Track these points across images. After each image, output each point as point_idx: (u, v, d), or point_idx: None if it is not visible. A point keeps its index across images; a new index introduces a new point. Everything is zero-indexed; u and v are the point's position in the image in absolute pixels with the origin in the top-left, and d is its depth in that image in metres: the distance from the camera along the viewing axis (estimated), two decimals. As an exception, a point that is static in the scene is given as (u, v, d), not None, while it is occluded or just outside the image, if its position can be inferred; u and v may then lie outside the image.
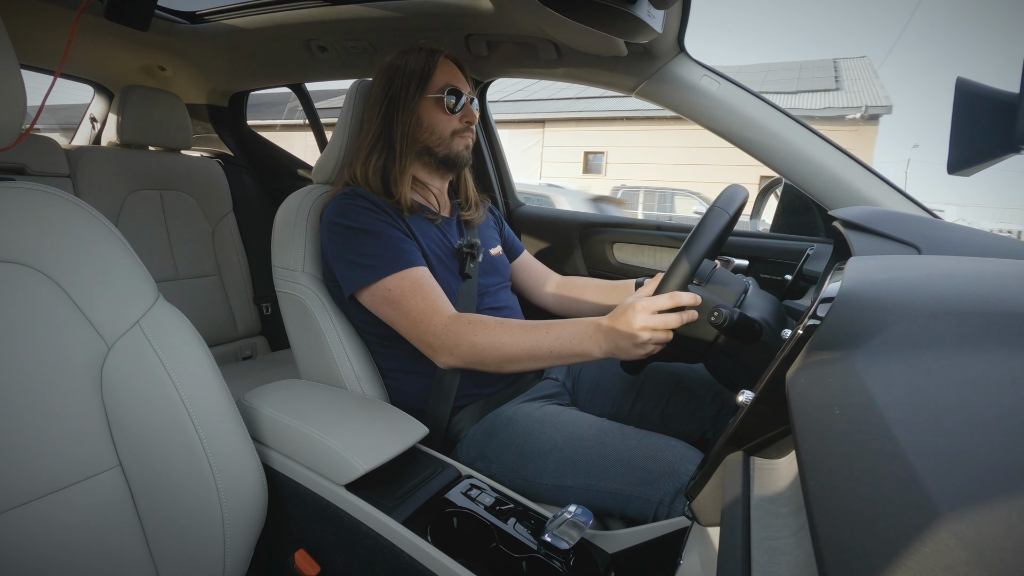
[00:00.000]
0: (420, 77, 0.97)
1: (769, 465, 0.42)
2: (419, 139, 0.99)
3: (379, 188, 0.96)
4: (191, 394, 0.66)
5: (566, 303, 1.19)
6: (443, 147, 1.00)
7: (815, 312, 0.39)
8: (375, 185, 0.96)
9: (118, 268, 0.64)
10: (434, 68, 0.97)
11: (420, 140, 0.99)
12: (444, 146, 1.00)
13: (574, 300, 1.18)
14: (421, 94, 0.97)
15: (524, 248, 1.26)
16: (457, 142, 1.00)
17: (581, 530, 0.64)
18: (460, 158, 1.02)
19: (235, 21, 1.51)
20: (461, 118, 0.99)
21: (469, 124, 1.00)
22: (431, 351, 0.87)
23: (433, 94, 0.97)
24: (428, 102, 0.97)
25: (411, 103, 0.97)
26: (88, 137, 1.94)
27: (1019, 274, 0.38)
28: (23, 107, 0.58)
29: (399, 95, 0.97)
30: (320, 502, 0.76)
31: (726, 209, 0.79)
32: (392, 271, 0.87)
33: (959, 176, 0.44)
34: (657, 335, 0.72)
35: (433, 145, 0.99)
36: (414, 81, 0.97)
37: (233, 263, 1.83)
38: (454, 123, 0.99)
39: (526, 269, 1.23)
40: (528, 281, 1.23)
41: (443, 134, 0.99)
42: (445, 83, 0.97)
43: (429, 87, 0.97)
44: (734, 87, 1.11)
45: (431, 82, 0.97)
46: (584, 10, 0.81)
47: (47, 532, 0.58)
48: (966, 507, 0.19)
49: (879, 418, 0.25)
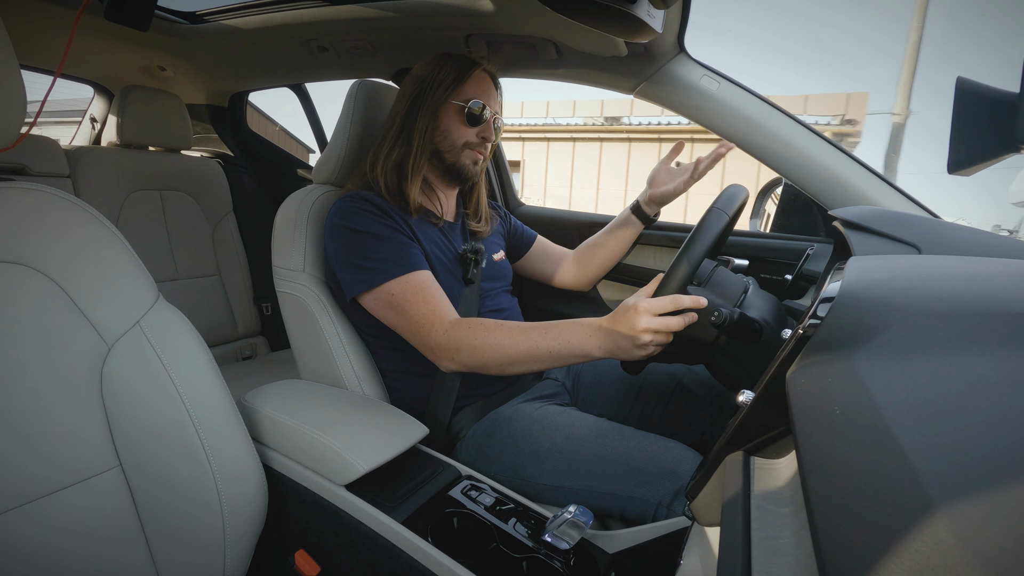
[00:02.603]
0: (452, 82, 0.96)
1: (769, 465, 0.42)
2: (433, 141, 0.98)
3: (394, 184, 0.96)
4: (191, 394, 0.66)
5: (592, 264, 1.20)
6: (452, 155, 0.99)
7: (815, 312, 0.39)
8: (391, 181, 0.96)
9: (118, 268, 0.64)
10: (467, 77, 0.97)
11: (434, 142, 0.98)
12: (453, 154, 0.99)
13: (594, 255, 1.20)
14: (448, 98, 0.96)
15: (537, 235, 1.26)
16: (466, 155, 0.99)
17: (581, 530, 0.64)
18: (465, 171, 1.00)
19: (235, 21, 1.51)
20: (478, 132, 0.98)
21: (484, 140, 0.99)
22: (433, 356, 0.86)
23: (458, 101, 0.97)
24: (451, 107, 0.97)
25: (436, 104, 0.96)
26: (88, 137, 1.94)
27: (1019, 274, 0.38)
28: (23, 107, 0.58)
29: (427, 93, 0.97)
30: (320, 502, 0.75)
31: (725, 210, 0.79)
32: (395, 275, 0.87)
33: (959, 176, 0.44)
34: (658, 337, 0.72)
35: (444, 150, 0.99)
36: (444, 84, 0.96)
37: (233, 263, 1.83)
38: (469, 135, 0.98)
39: (545, 252, 1.24)
40: (548, 266, 1.23)
41: (455, 142, 0.98)
42: (473, 95, 0.97)
43: (457, 93, 0.97)
44: (734, 87, 1.11)
45: (461, 89, 0.97)
46: (584, 10, 0.81)
47: (47, 533, 0.58)
48: (966, 507, 0.19)
49: (879, 418, 0.25)
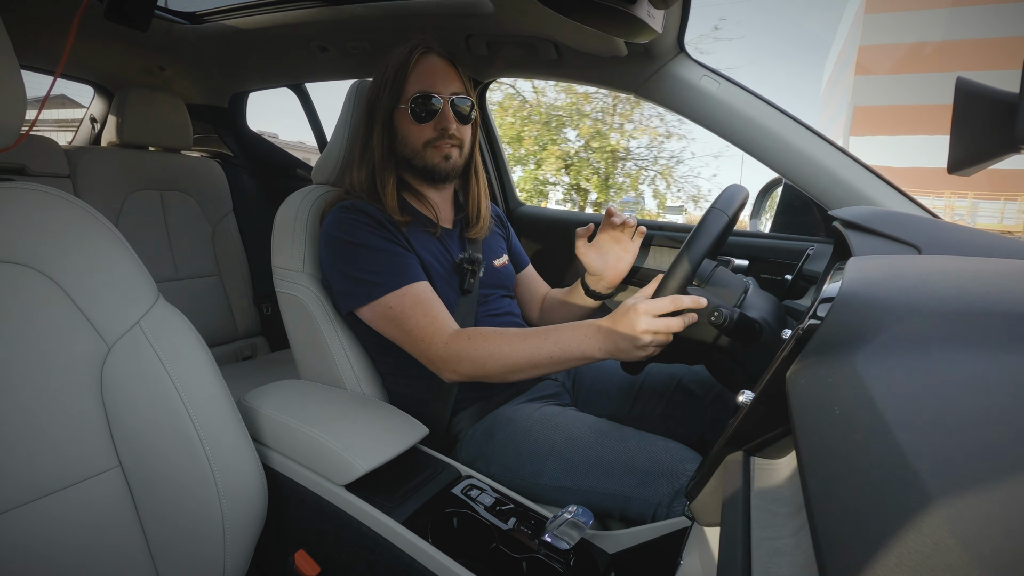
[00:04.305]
0: (393, 84, 0.91)
1: (769, 465, 0.42)
2: (395, 151, 0.95)
3: (371, 198, 0.94)
4: (191, 394, 0.66)
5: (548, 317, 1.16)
6: (418, 158, 0.95)
7: (815, 312, 0.39)
8: (368, 196, 0.94)
9: (118, 268, 0.64)
10: (408, 73, 0.91)
11: (396, 152, 0.95)
12: (419, 157, 0.95)
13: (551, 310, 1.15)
14: (395, 103, 0.92)
15: (528, 262, 1.22)
16: (431, 154, 0.94)
17: (581, 530, 0.64)
18: (438, 170, 0.95)
19: (235, 21, 1.51)
20: (435, 126, 0.92)
21: (444, 131, 0.92)
22: (435, 368, 0.85)
23: (403, 103, 0.92)
24: (400, 112, 0.93)
25: (386, 113, 0.93)
26: (88, 137, 1.94)
27: (1019, 274, 0.38)
28: (23, 108, 0.58)
29: (377, 104, 0.94)
30: (320, 502, 0.75)
31: (724, 211, 0.79)
32: (392, 288, 0.85)
33: (959, 176, 0.44)
34: (659, 338, 0.72)
35: (409, 157, 0.95)
36: (388, 89, 0.92)
37: (233, 263, 1.83)
38: (427, 132, 0.92)
39: (526, 284, 1.19)
40: (524, 297, 1.19)
41: (415, 146, 0.93)
42: (416, 89, 0.91)
43: (401, 93, 0.92)
44: (734, 87, 1.11)
45: (404, 88, 0.91)
46: (584, 10, 0.81)
47: (47, 532, 0.58)
48: (966, 507, 0.19)
49: (879, 418, 0.25)
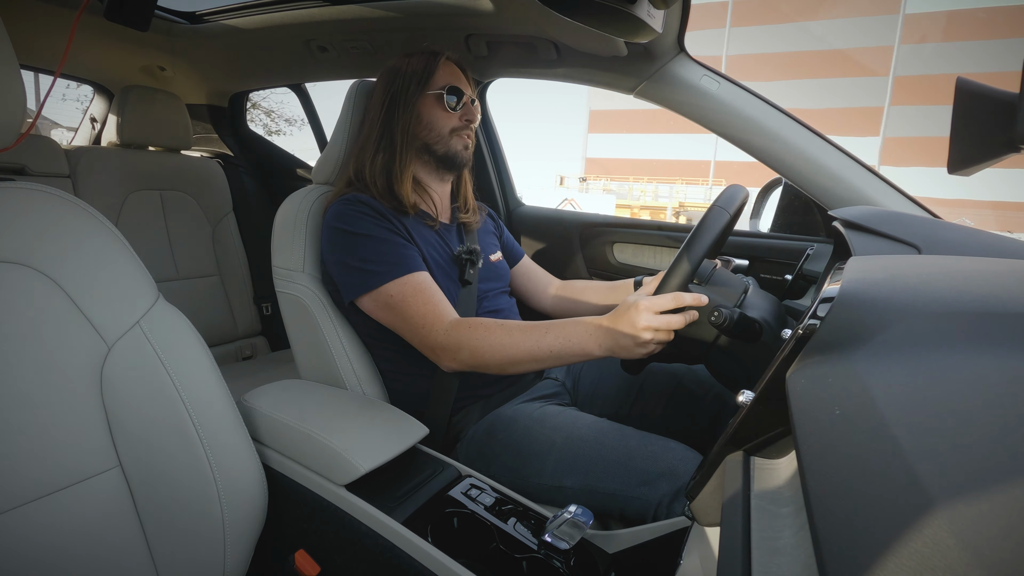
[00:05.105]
0: (421, 76, 0.98)
1: (769, 465, 0.42)
2: (419, 136, 0.99)
3: (384, 187, 0.97)
4: (191, 394, 0.66)
5: (566, 305, 1.19)
6: (442, 145, 1.00)
7: (815, 312, 0.39)
8: (380, 184, 0.97)
9: (118, 268, 0.64)
10: (436, 68, 0.99)
11: (420, 137, 0.99)
12: (443, 144, 1.00)
13: (574, 302, 1.18)
14: (422, 91, 0.98)
15: (524, 253, 1.26)
16: (456, 141, 1.00)
17: (581, 530, 0.64)
18: (459, 157, 1.01)
19: (235, 21, 1.51)
20: (461, 116, 0.99)
21: (469, 123, 1.00)
22: (434, 356, 0.87)
23: (433, 91, 0.98)
24: (428, 99, 0.98)
25: (412, 100, 0.97)
26: (88, 137, 1.94)
27: (1019, 274, 0.38)
28: (23, 107, 0.58)
29: (400, 93, 0.98)
30: (320, 502, 0.75)
31: (726, 208, 0.79)
32: (394, 276, 0.87)
33: (959, 176, 0.44)
34: (659, 335, 0.72)
35: (432, 142, 0.99)
36: (415, 79, 0.98)
37: (233, 263, 1.83)
38: (453, 121, 0.99)
39: (527, 274, 1.23)
40: (528, 286, 1.22)
41: (442, 131, 0.99)
42: (446, 82, 0.98)
43: (430, 85, 0.98)
44: (734, 87, 1.11)
45: (432, 80, 0.98)
46: (584, 10, 0.81)
47: (47, 533, 0.58)
48: (966, 507, 0.19)
49: (879, 418, 0.25)
